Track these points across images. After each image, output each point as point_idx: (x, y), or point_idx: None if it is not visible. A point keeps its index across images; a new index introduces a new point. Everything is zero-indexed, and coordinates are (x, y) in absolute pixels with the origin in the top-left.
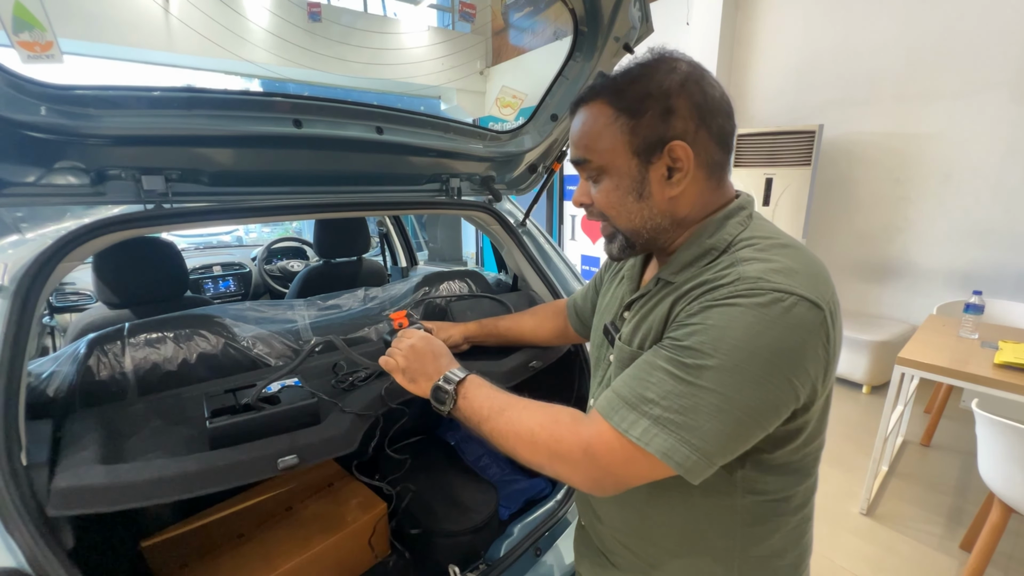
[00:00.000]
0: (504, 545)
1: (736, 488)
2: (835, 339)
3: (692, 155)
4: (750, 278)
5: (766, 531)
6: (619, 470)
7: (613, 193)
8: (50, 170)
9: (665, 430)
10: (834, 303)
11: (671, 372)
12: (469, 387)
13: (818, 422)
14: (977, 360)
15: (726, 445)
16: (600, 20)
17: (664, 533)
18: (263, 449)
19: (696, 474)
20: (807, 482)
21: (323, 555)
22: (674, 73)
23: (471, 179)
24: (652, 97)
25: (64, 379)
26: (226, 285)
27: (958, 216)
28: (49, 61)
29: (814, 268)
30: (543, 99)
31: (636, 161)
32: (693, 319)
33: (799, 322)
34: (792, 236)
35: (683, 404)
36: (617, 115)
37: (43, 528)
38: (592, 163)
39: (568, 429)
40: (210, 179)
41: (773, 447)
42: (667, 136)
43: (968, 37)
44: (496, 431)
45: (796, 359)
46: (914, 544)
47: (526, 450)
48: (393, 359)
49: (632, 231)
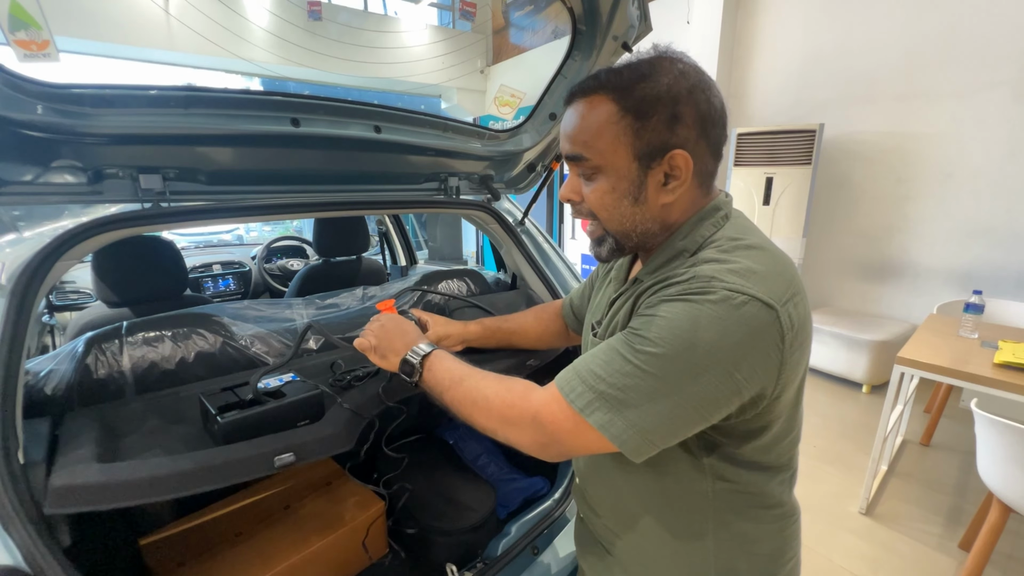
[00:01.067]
0: (502, 544)
1: (706, 475)
2: (791, 340)
3: (691, 165)
4: (704, 277)
5: (738, 518)
6: (564, 437)
7: (608, 195)
8: (47, 169)
9: (607, 404)
10: (794, 304)
11: (621, 354)
12: (434, 360)
13: (787, 422)
14: (977, 360)
15: (664, 426)
16: (598, 19)
17: (644, 518)
18: (260, 447)
19: (634, 450)
20: (779, 479)
21: (321, 554)
22: (683, 79)
23: (470, 178)
24: (661, 101)
25: (62, 377)
26: (226, 284)
27: (959, 215)
28: (46, 60)
29: (776, 269)
30: (541, 98)
31: (636, 165)
32: (648, 311)
33: (746, 320)
34: (763, 236)
35: (626, 383)
36: (622, 114)
37: (40, 526)
38: (589, 161)
39: (520, 396)
40: (208, 178)
41: (738, 442)
42: (670, 143)
43: (970, 36)
44: (455, 399)
45: (739, 355)
46: (913, 544)
47: (481, 416)
48: (365, 339)
49: (622, 234)
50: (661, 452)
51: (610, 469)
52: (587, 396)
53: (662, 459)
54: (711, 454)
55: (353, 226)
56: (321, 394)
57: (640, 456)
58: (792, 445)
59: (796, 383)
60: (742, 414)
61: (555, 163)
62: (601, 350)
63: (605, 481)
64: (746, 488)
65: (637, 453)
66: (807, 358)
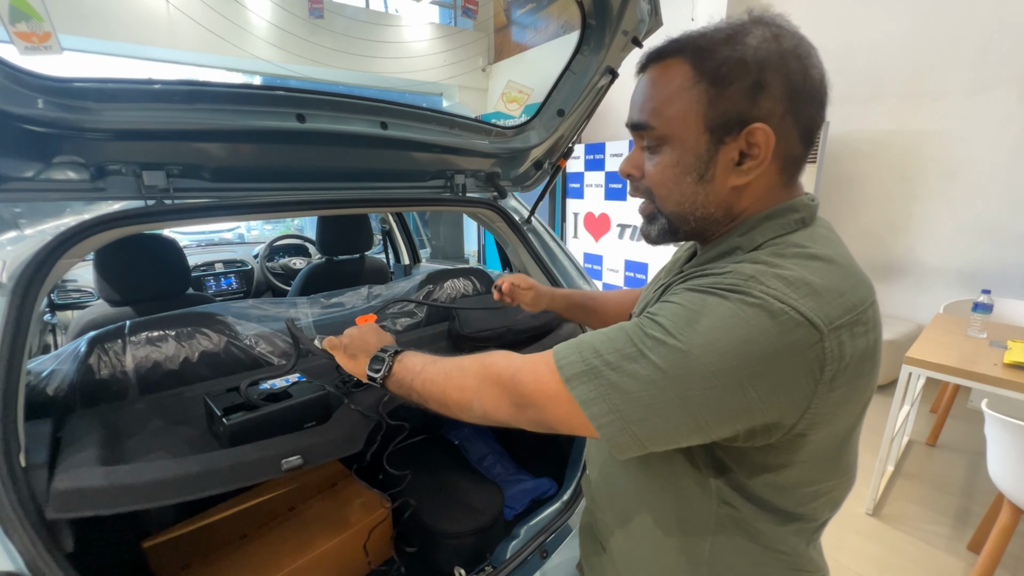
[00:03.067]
0: (510, 547)
1: (711, 496)
2: (836, 373)
3: (773, 143)
4: (742, 275)
5: (738, 553)
6: (540, 400)
7: (670, 169)
8: (49, 165)
9: (594, 380)
10: (852, 334)
11: (628, 335)
12: (406, 355)
13: (818, 471)
14: (986, 360)
15: (651, 424)
16: (609, 13)
17: (640, 523)
18: (267, 450)
19: (613, 440)
20: (795, 527)
21: (326, 557)
22: (776, 42)
23: (476, 175)
24: (744, 65)
25: (64, 378)
26: (228, 282)
27: (965, 214)
28: (47, 53)
29: (839, 287)
30: (549, 94)
31: (707, 137)
32: (674, 296)
33: (780, 333)
34: (844, 251)
35: (622, 365)
36: (697, 79)
37: (42, 531)
38: (655, 130)
39: (500, 356)
40: (212, 175)
41: (748, 472)
42: (750, 115)
43: (976, 33)
44: (428, 379)
45: (758, 369)
46: (921, 545)
47: (455, 388)
48: (336, 338)
49: (678, 215)
50: (663, 459)
51: (610, 461)
52: (577, 367)
53: (666, 467)
54: (719, 476)
55: (357, 224)
56: (328, 395)
57: (622, 452)
58: (820, 497)
59: (838, 428)
60: (749, 439)
61: (562, 160)
62: (611, 328)
63: (606, 474)
64: (752, 523)
65: (618, 446)
66: (862, 404)
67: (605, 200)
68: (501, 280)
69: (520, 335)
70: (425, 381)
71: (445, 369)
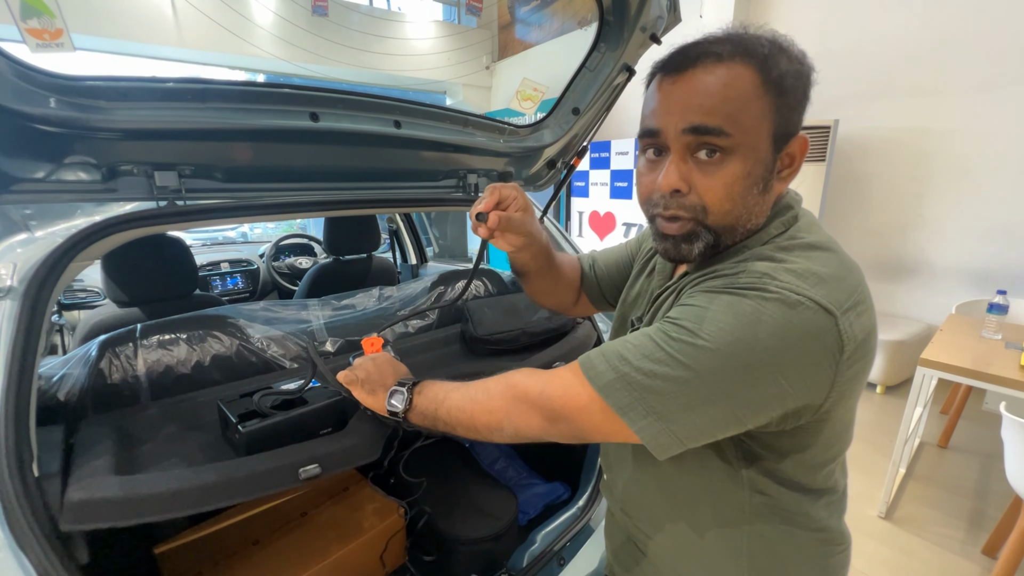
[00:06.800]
0: (527, 554)
1: (743, 487)
2: (851, 353)
3: (806, 152)
4: (755, 273)
5: (776, 537)
6: (574, 414)
7: (740, 182)
8: (60, 165)
9: (629, 388)
10: (857, 313)
11: (654, 340)
12: (424, 386)
13: (835, 442)
14: (1002, 361)
15: (693, 424)
16: (627, 10)
17: (677, 523)
18: (284, 459)
19: (656, 443)
20: (824, 501)
21: (340, 564)
22: (806, 59)
23: (488, 175)
24: (801, 78)
25: (75, 382)
26: (234, 282)
27: (976, 213)
28: (59, 50)
29: (839, 273)
30: (564, 92)
31: (771, 147)
32: (691, 300)
33: (801, 323)
34: (830, 236)
35: (655, 370)
36: (765, 88)
37: (56, 543)
38: (731, 137)
39: (526, 375)
40: (224, 175)
41: (779, 456)
42: (797, 126)
43: (987, 30)
44: (453, 406)
45: (787, 359)
46: (935, 549)
47: (482, 412)
48: (353, 372)
49: (729, 229)
50: (694, 457)
51: (638, 468)
52: (608, 375)
53: (695, 464)
54: (750, 466)
55: (364, 224)
56: (344, 400)
57: (664, 453)
58: (834, 465)
59: (853, 400)
60: (782, 423)
61: (576, 160)
62: (633, 335)
63: (635, 480)
64: (786, 506)
65: (660, 448)
66: (866, 377)
67: (610, 199)
68: (486, 205)
69: (535, 337)
70: (451, 409)
71: (470, 395)
